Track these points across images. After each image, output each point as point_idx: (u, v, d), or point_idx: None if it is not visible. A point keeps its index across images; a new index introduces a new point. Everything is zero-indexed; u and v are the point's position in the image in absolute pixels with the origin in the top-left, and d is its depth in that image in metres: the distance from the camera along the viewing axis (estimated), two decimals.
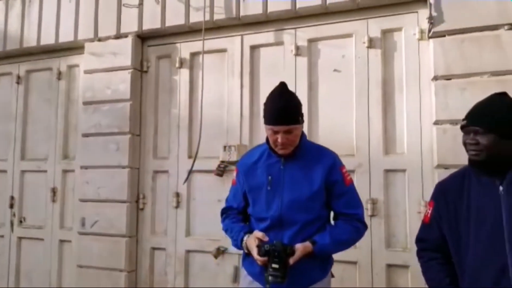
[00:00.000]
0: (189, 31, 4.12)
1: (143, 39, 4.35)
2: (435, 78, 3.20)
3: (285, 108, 2.28)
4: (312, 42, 3.76)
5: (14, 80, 4.97)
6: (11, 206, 4.85)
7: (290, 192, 2.37)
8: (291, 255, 2.20)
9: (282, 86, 2.38)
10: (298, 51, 3.76)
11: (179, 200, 4.09)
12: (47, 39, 4.65)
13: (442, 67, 3.19)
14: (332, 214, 2.51)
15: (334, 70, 3.67)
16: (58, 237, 4.61)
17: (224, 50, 4.04)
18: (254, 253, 2.25)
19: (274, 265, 2.14)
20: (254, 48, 3.95)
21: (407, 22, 3.47)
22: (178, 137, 4.16)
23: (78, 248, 4.31)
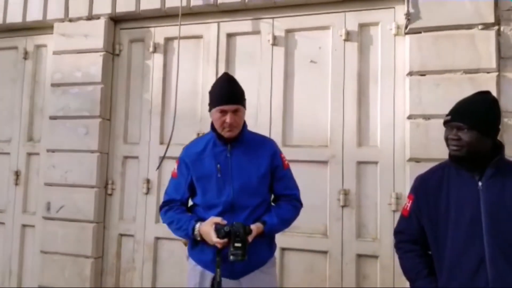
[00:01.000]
0: (164, 16, 4.05)
1: (116, 22, 4.24)
2: (410, 74, 3.27)
3: (233, 89, 2.48)
4: (289, 32, 3.76)
5: None
6: None
7: (239, 177, 2.49)
8: (249, 234, 2.31)
9: (227, 74, 2.60)
10: (275, 41, 3.76)
11: (149, 186, 4.04)
12: (14, 18, 4.48)
13: (417, 63, 3.26)
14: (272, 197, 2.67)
15: (311, 61, 3.69)
16: (20, 221, 4.48)
17: (199, 37, 4.00)
18: (213, 237, 2.30)
19: (237, 244, 2.24)
20: (231, 36, 3.92)
21: (384, 17, 3.52)
22: (149, 122, 4.09)
23: (42, 233, 4.19)
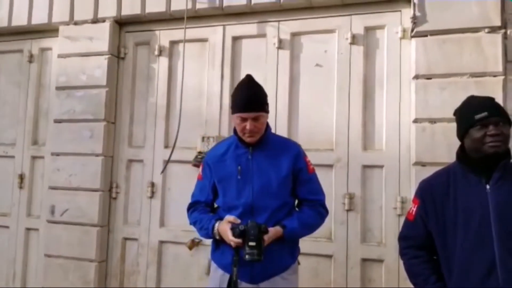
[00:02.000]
0: (169, 19, 4.05)
1: (121, 25, 4.25)
2: (416, 77, 3.26)
3: (253, 96, 2.44)
4: (295, 35, 3.76)
5: None
6: None
7: (259, 179, 2.47)
8: (265, 233, 2.28)
9: (249, 77, 2.53)
10: (280, 44, 3.76)
11: (154, 190, 4.03)
12: (19, 21, 4.48)
13: (423, 67, 3.25)
14: (296, 202, 2.64)
15: (316, 64, 3.69)
16: (24, 225, 4.46)
17: (205, 40, 3.99)
18: (229, 234, 2.30)
19: (251, 243, 2.21)
20: (236, 39, 3.91)
21: (390, 20, 3.52)
22: (154, 126, 4.09)
23: (46, 236, 4.18)
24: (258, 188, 2.46)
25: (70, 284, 4.03)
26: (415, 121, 3.26)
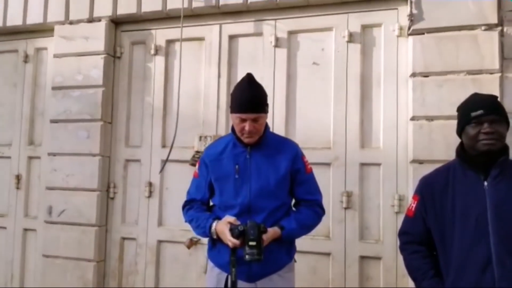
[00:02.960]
0: (165, 18, 4.03)
1: (117, 24, 4.23)
2: (413, 75, 3.26)
3: (253, 97, 2.39)
4: (292, 34, 3.75)
5: None
6: None
7: (257, 179, 2.46)
8: (264, 233, 2.27)
9: (250, 76, 2.47)
10: (277, 43, 3.75)
11: (152, 189, 4.02)
12: (14, 21, 4.45)
13: (420, 64, 3.25)
14: (293, 201, 2.64)
15: (313, 63, 3.68)
16: (22, 225, 4.45)
17: (201, 39, 3.98)
18: (227, 235, 2.28)
19: (251, 242, 2.20)
20: (233, 37, 3.90)
21: (387, 18, 3.51)
22: (151, 125, 4.08)
23: (44, 237, 4.17)
24: (256, 188, 2.45)
25: (68, 284, 4.03)
26: (412, 118, 3.26)
